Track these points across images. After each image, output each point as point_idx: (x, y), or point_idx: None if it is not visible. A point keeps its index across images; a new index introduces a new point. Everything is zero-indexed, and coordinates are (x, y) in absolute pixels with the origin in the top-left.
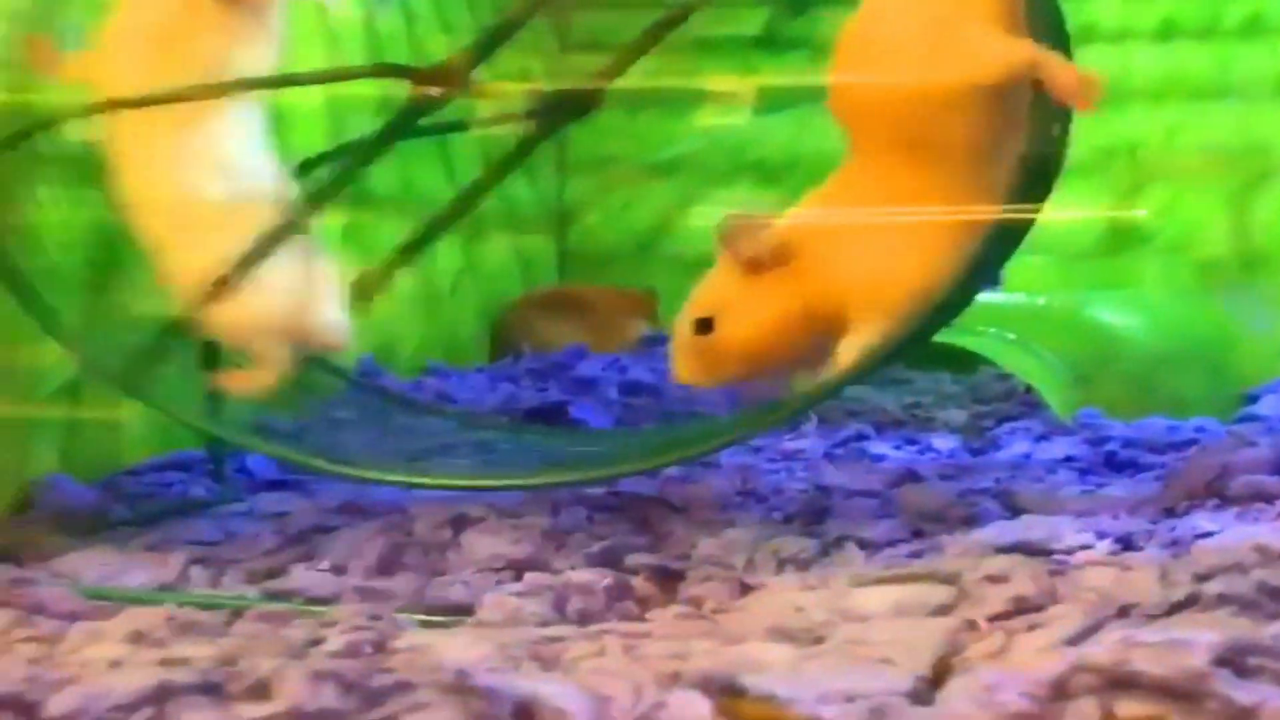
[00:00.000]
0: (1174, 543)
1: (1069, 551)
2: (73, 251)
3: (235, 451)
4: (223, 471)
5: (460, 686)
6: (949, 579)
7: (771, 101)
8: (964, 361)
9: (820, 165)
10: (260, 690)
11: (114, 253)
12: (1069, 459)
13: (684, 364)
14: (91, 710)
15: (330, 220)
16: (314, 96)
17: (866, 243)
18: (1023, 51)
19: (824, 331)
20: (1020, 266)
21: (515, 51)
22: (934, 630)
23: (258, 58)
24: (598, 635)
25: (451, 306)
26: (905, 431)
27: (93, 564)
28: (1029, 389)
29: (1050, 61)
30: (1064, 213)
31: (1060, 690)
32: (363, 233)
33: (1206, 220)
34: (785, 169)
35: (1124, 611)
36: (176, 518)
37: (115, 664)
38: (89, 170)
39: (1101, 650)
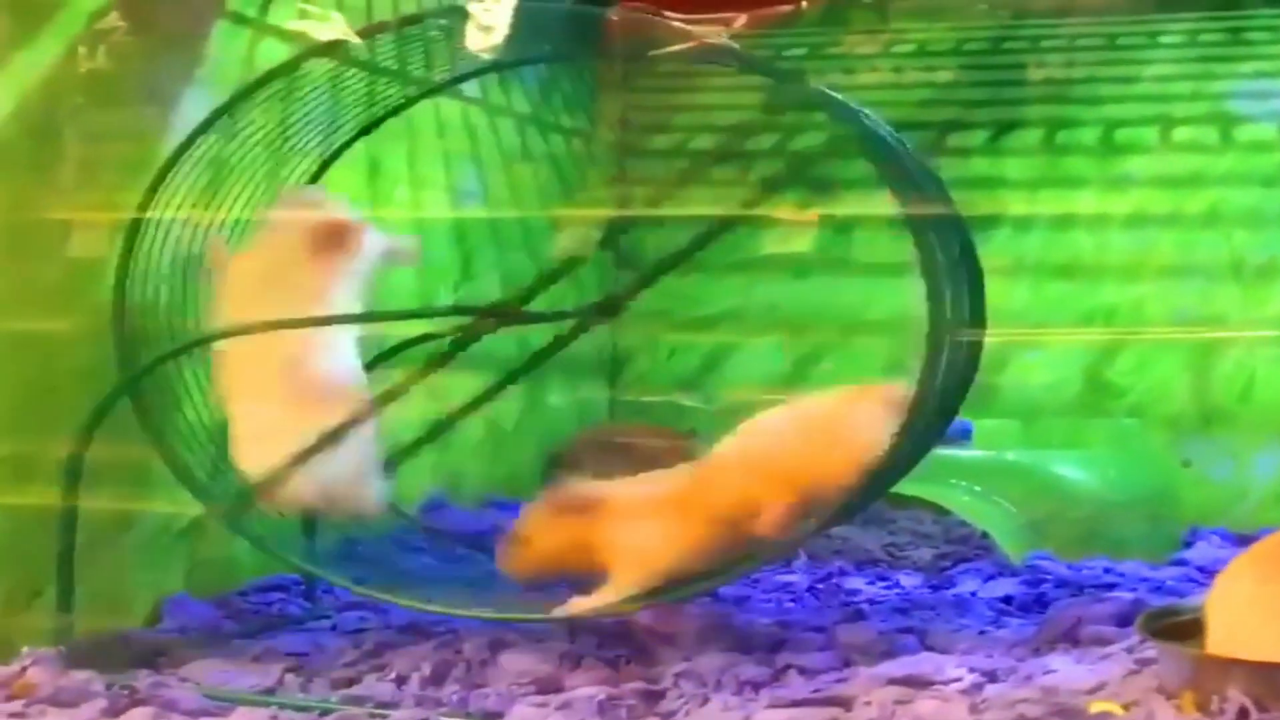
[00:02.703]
0: (1026, 678)
1: (945, 683)
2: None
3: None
4: (313, 592)
5: None
6: (843, 703)
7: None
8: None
9: (840, 321)
10: None
11: None
12: (1008, 598)
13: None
14: None
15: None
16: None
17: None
18: None
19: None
20: (988, 428)
21: None
22: None
23: (349, 289)
24: None
25: (514, 445)
26: (879, 569)
27: (211, 670)
28: (985, 534)
29: None
30: None
31: None
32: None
33: (1172, 380)
34: (809, 324)
35: None
36: (275, 631)
37: None
38: None
39: None
